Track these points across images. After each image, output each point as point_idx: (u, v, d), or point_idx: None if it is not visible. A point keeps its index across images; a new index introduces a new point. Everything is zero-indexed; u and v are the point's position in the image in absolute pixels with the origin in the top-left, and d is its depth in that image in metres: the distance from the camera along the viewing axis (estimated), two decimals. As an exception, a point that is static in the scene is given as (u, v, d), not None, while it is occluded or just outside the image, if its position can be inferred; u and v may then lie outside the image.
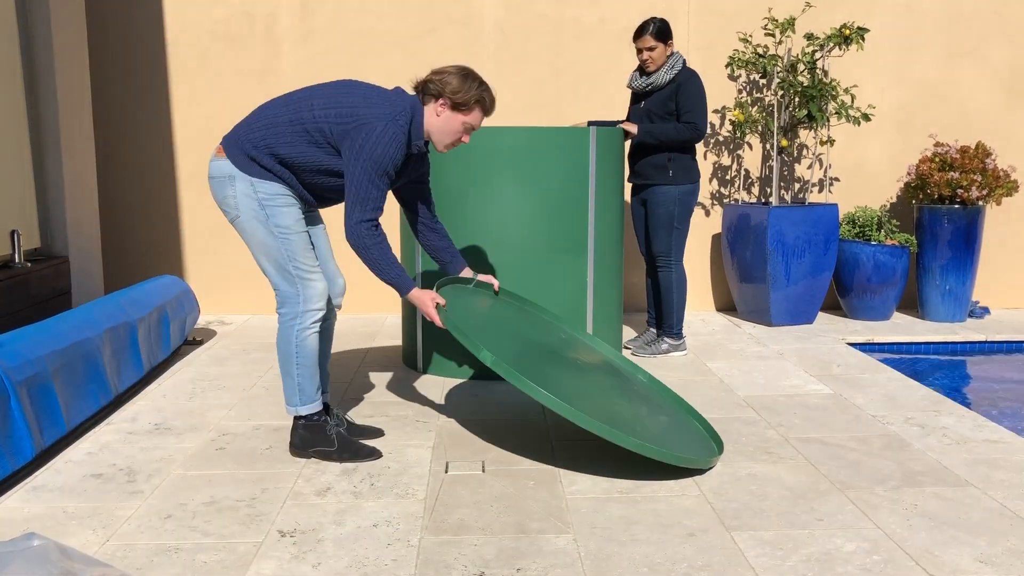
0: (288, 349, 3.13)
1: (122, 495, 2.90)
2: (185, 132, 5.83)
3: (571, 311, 4.35)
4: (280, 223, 3.03)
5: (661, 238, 4.68)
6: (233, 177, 3.01)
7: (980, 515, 2.75)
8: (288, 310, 3.11)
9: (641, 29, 4.54)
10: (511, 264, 4.23)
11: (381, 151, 2.93)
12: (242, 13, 5.74)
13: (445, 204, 4.26)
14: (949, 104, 5.97)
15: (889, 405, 3.90)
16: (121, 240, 5.92)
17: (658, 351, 4.75)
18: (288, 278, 3.07)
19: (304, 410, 3.19)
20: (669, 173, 4.60)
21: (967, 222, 5.53)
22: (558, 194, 4.24)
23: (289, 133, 3.00)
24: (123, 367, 3.93)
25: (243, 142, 3.02)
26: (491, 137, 4.16)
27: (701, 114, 4.52)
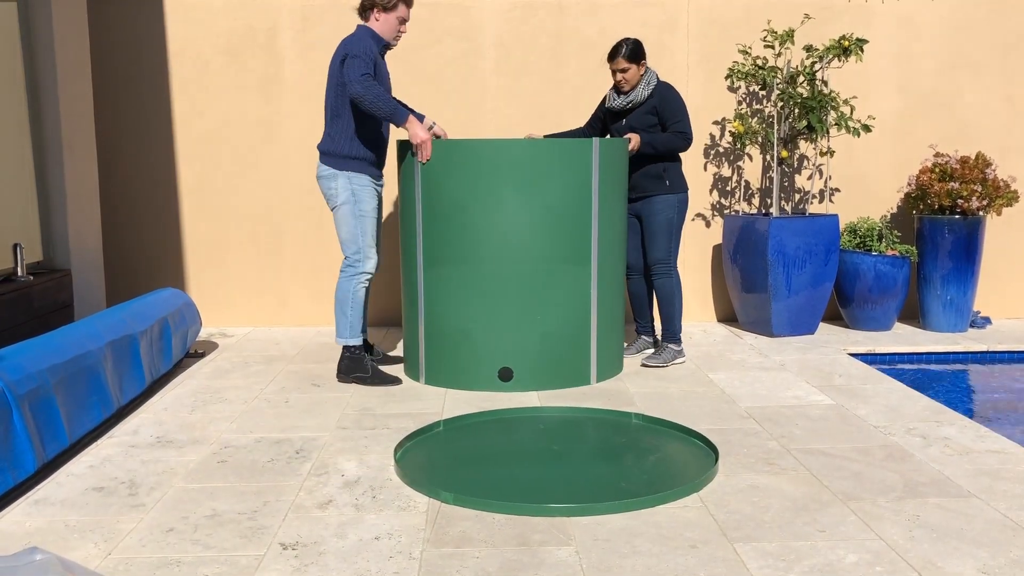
0: (346, 295, 4.34)
1: (124, 508, 2.90)
2: (187, 144, 5.85)
3: (574, 322, 4.32)
4: (363, 207, 4.32)
5: (660, 245, 4.75)
6: (335, 175, 4.30)
7: (983, 526, 2.74)
8: (352, 269, 4.35)
9: (614, 52, 4.67)
10: (514, 275, 4.21)
11: (364, 45, 4.16)
12: (244, 26, 5.77)
13: (447, 215, 4.23)
14: (949, 114, 5.98)
15: (891, 416, 3.89)
16: (123, 253, 5.93)
17: (670, 360, 4.79)
18: (357, 248, 4.33)
19: (351, 342, 4.37)
20: (666, 182, 4.73)
21: (968, 232, 5.54)
22: (561, 206, 4.23)
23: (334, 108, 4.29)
24: (125, 380, 3.93)
25: (327, 146, 4.32)
26: (493, 149, 4.15)
27: (687, 122, 4.69)
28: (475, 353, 4.27)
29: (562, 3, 5.82)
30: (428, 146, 4.15)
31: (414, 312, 4.42)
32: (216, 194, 5.89)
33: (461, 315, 4.26)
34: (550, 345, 4.28)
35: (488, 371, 4.28)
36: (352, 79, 4.04)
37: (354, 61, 4.06)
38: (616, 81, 4.70)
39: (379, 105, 4.04)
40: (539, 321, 4.24)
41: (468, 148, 4.16)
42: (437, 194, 4.23)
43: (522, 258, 4.21)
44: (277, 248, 5.95)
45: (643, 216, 4.79)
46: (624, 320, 4.64)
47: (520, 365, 4.27)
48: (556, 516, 2.84)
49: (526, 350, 4.26)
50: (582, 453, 3.38)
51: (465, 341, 4.28)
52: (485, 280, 4.22)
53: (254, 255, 5.95)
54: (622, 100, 4.75)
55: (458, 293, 4.25)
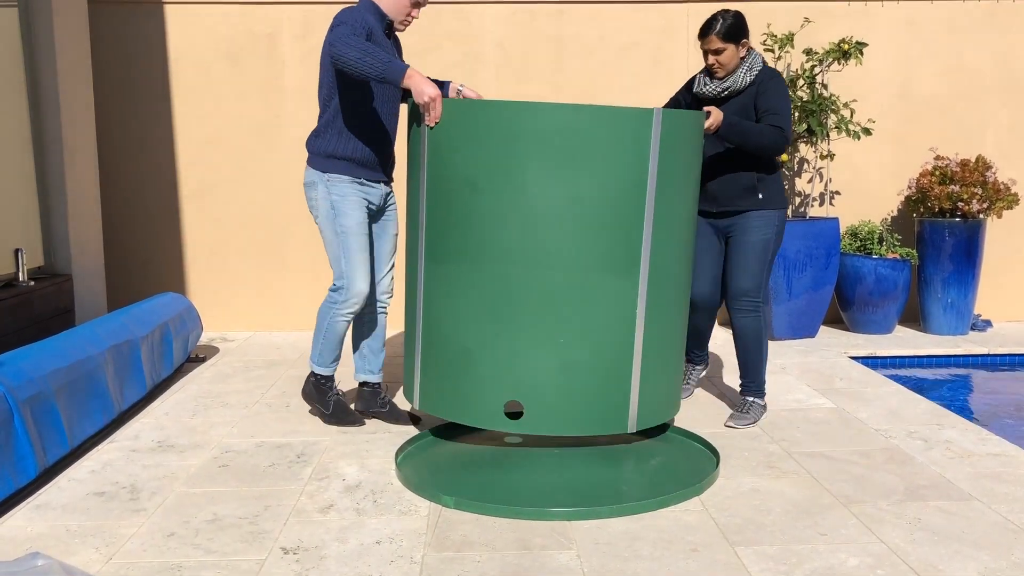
0: (322, 322, 3.66)
1: (125, 513, 2.90)
2: (188, 149, 5.86)
3: (610, 350, 3.23)
4: (344, 222, 3.53)
5: (751, 272, 3.71)
6: (315, 183, 3.57)
7: (984, 529, 2.74)
8: (335, 296, 3.61)
9: (706, 28, 3.67)
10: (534, 283, 3.17)
11: (355, 15, 3.40)
12: (245, 31, 5.78)
13: (455, 198, 3.24)
14: (949, 117, 5.99)
15: (892, 419, 3.89)
16: (124, 258, 5.93)
17: (756, 418, 3.83)
18: (339, 272, 3.58)
19: (317, 369, 3.76)
20: (759, 196, 3.73)
21: (968, 235, 5.54)
22: (603, 195, 3.16)
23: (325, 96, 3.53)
24: (126, 385, 3.93)
25: (312, 144, 3.59)
26: (515, 114, 3.11)
27: (786, 118, 3.66)
28: (478, 379, 3.26)
29: (562, 8, 5.83)
30: (437, 104, 3.17)
31: (412, 318, 3.50)
32: (217, 199, 5.90)
33: (464, 328, 3.26)
34: (575, 378, 3.21)
35: (493, 404, 3.25)
36: (333, 38, 3.23)
37: (340, 28, 3.29)
38: (708, 64, 3.73)
39: (368, 61, 3.18)
40: (562, 346, 3.19)
41: (485, 111, 3.14)
42: (444, 169, 3.25)
43: (546, 261, 3.16)
44: (278, 252, 5.95)
45: (732, 236, 3.79)
46: (683, 358, 3.59)
47: (534, 400, 3.21)
48: (557, 520, 2.83)
49: (543, 381, 3.20)
50: (583, 456, 3.37)
51: (467, 362, 3.27)
52: (496, 286, 3.20)
53: (255, 260, 5.95)
54: (714, 86, 3.75)
55: (462, 299, 3.25)
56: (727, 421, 3.80)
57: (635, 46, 5.85)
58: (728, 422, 3.79)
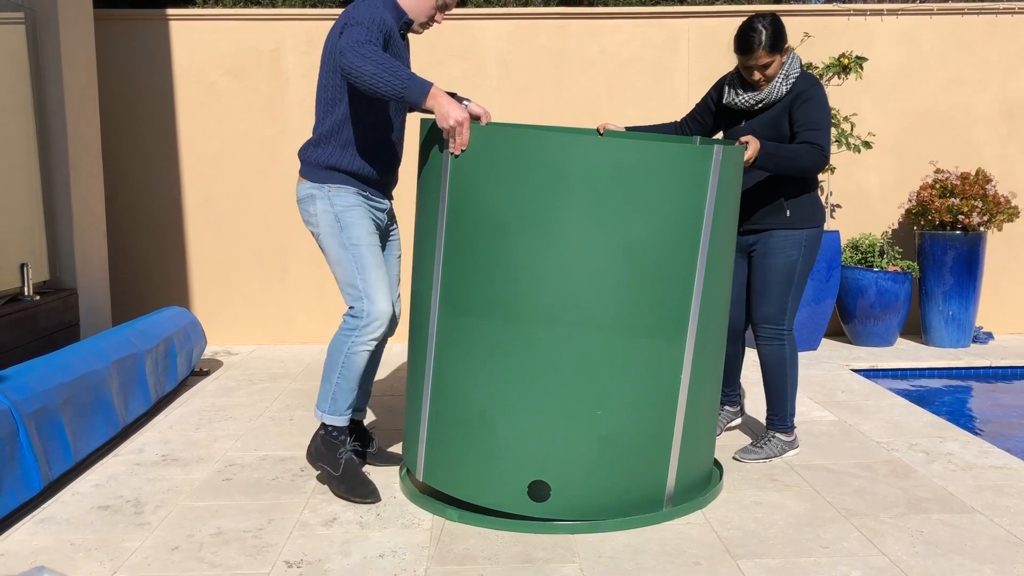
0: (337, 357, 3.10)
1: (129, 527, 2.91)
2: (192, 165, 5.89)
3: (650, 423, 2.87)
4: (352, 234, 3.06)
5: (775, 296, 3.42)
6: (312, 196, 3.09)
7: (987, 542, 2.74)
8: (353, 323, 3.08)
9: (747, 43, 3.29)
10: (568, 344, 2.77)
11: (373, 12, 2.90)
12: (249, 48, 5.82)
13: (479, 240, 2.81)
14: (949, 131, 6.00)
15: (894, 431, 3.89)
16: (129, 272, 5.95)
17: (772, 454, 3.53)
18: (356, 292, 3.06)
19: (328, 419, 3.14)
20: (786, 213, 3.42)
21: (969, 248, 5.55)
22: (652, 244, 2.77)
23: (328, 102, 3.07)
24: (130, 399, 3.94)
25: (309, 154, 3.13)
26: (554, 148, 2.70)
27: (826, 134, 3.31)
28: (498, 453, 2.86)
29: (563, 23, 5.86)
30: (465, 129, 2.76)
31: (419, 376, 3.06)
32: (221, 213, 5.92)
33: (484, 393, 2.85)
34: (613, 454, 2.84)
35: (514, 483, 2.85)
36: (345, 47, 2.76)
37: (353, 29, 2.83)
38: (753, 80, 3.36)
39: (385, 78, 2.72)
40: (599, 419, 2.81)
41: (522, 141, 2.72)
42: (469, 206, 2.82)
43: (584, 320, 2.76)
44: (282, 266, 5.97)
45: (754, 256, 3.50)
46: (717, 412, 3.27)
47: (564, 479, 2.83)
48: (560, 533, 2.83)
49: (576, 458, 2.82)
50: None
51: (486, 433, 2.86)
52: (525, 345, 2.78)
53: (259, 274, 5.97)
54: (749, 96, 3.40)
55: (483, 359, 2.84)
56: (737, 452, 3.53)
57: (636, 60, 5.88)
58: (736, 453, 3.52)
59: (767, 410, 3.57)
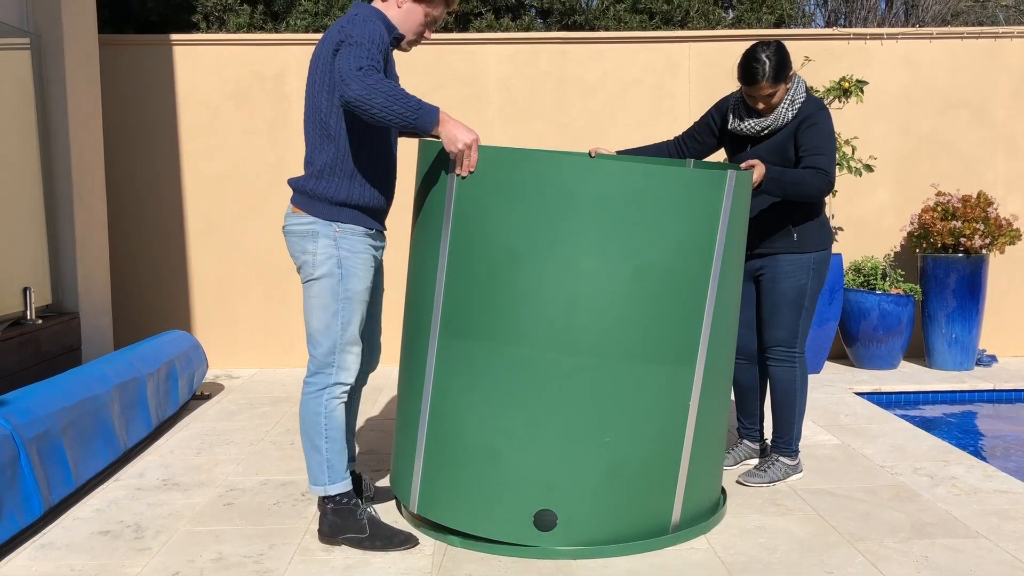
0: (316, 420, 2.89)
1: (130, 552, 2.90)
2: (195, 189, 5.91)
3: (659, 450, 2.85)
4: (350, 286, 2.86)
5: (784, 320, 3.41)
6: (316, 234, 2.84)
7: (991, 567, 2.72)
8: (319, 379, 2.89)
9: (750, 75, 3.26)
10: (576, 371, 2.75)
11: (371, 27, 2.73)
12: (251, 72, 5.85)
13: (485, 265, 2.78)
14: (950, 154, 6.02)
15: (898, 455, 3.88)
16: (131, 295, 5.96)
17: (776, 478, 3.50)
18: (330, 345, 2.87)
19: (334, 489, 2.92)
20: (793, 237, 3.40)
21: (971, 271, 5.55)
22: (664, 271, 2.76)
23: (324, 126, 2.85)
24: (132, 423, 3.94)
25: (311, 186, 2.87)
26: (571, 171, 2.69)
27: (831, 159, 3.28)
28: (502, 482, 2.81)
29: (564, 48, 5.90)
30: (474, 151, 2.72)
31: (414, 404, 3.00)
32: (224, 237, 5.94)
33: (487, 422, 2.81)
34: (619, 482, 2.82)
35: (519, 512, 2.81)
36: (346, 73, 2.59)
37: (351, 50, 2.64)
38: (758, 108, 3.35)
39: (395, 110, 2.59)
40: (606, 446, 2.79)
41: (532, 165, 2.71)
42: (474, 230, 2.79)
43: (592, 346, 2.74)
44: (284, 290, 5.97)
45: (762, 281, 3.48)
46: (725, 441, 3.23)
47: (570, 508, 2.80)
48: (562, 559, 2.82)
49: (583, 487, 2.79)
50: None
51: (488, 461, 2.82)
52: (531, 372, 2.75)
53: (261, 297, 5.97)
54: (755, 123, 3.36)
55: (486, 387, 2.80)
56: (740, 476, 3.50)
57: (637, 84, 5.91)
58: (740, 477, 3.49)
59: (773, 433, 3.56)
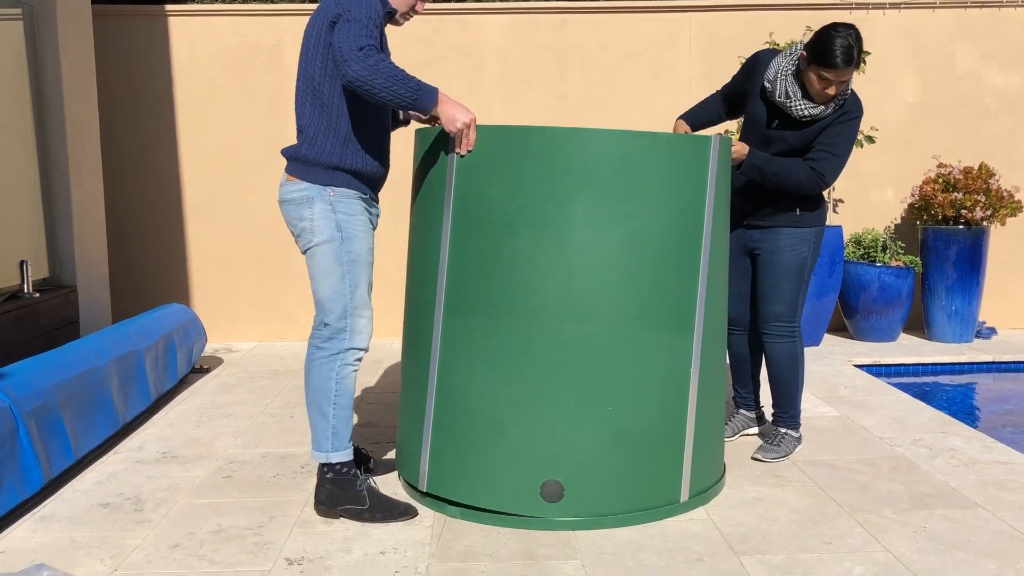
0: (326, 386, 2.88)
1: (130, 524, 2.91)
2: (193, 161, 5.88)
3: (664, 417, 2.89)
4: (353, 248, 2.86)
5: (784, 295, 3.37)
6: (311, 199, 2.84)
7: (989, 537, 2.73)
8: (332, 344, 2.88)
9: (845, 58, 3.05)
10: (580, 341, 2.79)
11: (366, 3, 2.71)
12: (249, 44, 5.80)
13: (479, 241, 2.83)
14: (951, 125, 5.99)
15: (897, 427, 3.88)
16: (129, 269, 5.95)
17: (789, 451, 3.49)
18: (341, 310, 2.86)
19: (336, 457, 2.92)
20: (796, 211, 3.36)
21: (972, 243, 5.53)
22: (662, 234, 2.82)
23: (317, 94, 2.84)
24: (131, 396, 3.94)
25: (304, 151, 2.86)
26: (561, 142, 2.74)
27: (835, 161, 3.22)
28: (509, 455, 2.84)
29: (564, 18, 5.84)
30: (472, 131, 2.79)
31: (420, 382, 3.01)
32: (222, 210, 5.91)
33: (494, 395, 2.83)
34: (627, 450, 2.86)
35: (527, 484, 2.84)
36: (347, 53, 2.62)
37: (350, 27, 2.66)
38: (824, 92, 3.15)
39: (395, 90, 2.64)
40: (611, 414, 2.82)
41: (526, 139, 2.77)
42: (474, 207, 2.84)
43: (593, 316, 2.77)
44: (283, 264, 5.96)
45: (760, 253, 3.42)
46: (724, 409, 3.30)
47: (577, 478, 2.83)
48: (562, 530, 2.83)
49: (589, 456, 2.83)
50: None
51: (496, 435, 2.85)
52: (534, 345, 2.79)
53: (259, 271, 5.96)
54: (806, 106, 3.20)
55: (492, 361, 2.83)
56: (755, 453, 3.47)
57: (637, 56, 5.87)
58: (756, 454, 3.46)
59: (775, 407, 3.53)
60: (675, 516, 2.93)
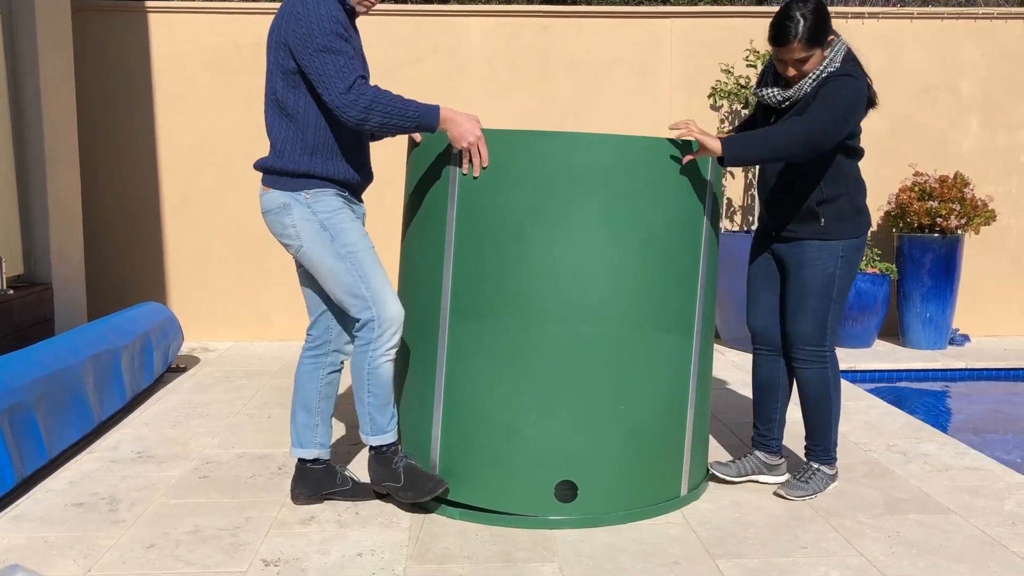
0: (360, 376, 2.91)
1: (104, 524, 2.88)
2: (171, 159, 5.84)
3: (669, 414, 2.98)
4: (346, 240, 2.83)
5: (810, 316, 3.04)
6: (287, 206, 2.82)
7: (962, 542, 2.76)
8: (364, 335, 2.87)
9: (782, 34, 2.89)
10: (591, 343, 2.83)
11: (322, 12, 2.68)
12: (229, 42, 5.77)
13: (485, 247, 2.85)
14: (928, 134, 6.05)
15: (872, 432, 3.92)
16: (105, 267, 5.90)
17: (818, 489, 3.14)
18: (362, 302, 2.84)
19: (374, 440, 2.95)
20: (820, 221, 3.02)
21: (946, 251, 5.60)
22: (669, 238, 2.90)
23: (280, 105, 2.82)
24: (106, 395, 3.91)
25: (272, 164, 2.85)
26: (569, 149, 2.80)
27: (835, 115, 2.83)
28: (522, 458, 2.87)
29: (547, 21, 5.86)
30: (483, 146, 2.78)
31: (427, 391, 3.01)
32: (200, 208, 5.88)
33: (504, 398, 2.87)
34: (638, 447, 2.93)
35: (541, 486, 2.88)
36: (337, 100, 2.66)
37: (325, 63, 2.67)
38: (786, 75, 2.98)
39: (395, 123, 2.69)
40: (623, 414, 2.90)
41: (533, 145, 2.80)
42: (480, 212, 2.86)
43: (605, 317, 2.83)
44: (261, 263, 5.93)
45: (787, 268, 3.11)
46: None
47: (590, 477, 2.89)
48: (540, 528, 2.83)
49: (602, 455, 2.89)
50: None
51: (508, 438, 2.88)
52: (543, 347, 2.83)
53: (238, 269, 5.93)
54: (775, 92, 3.02)
55: (501, 364, 2.86)
56: (779, 487, 3.15)
57: (620, 60, 5.89)
58: (779, 489, 3.14)
59: (807, 440, 3.20)
60: (652, 518, 2.94)
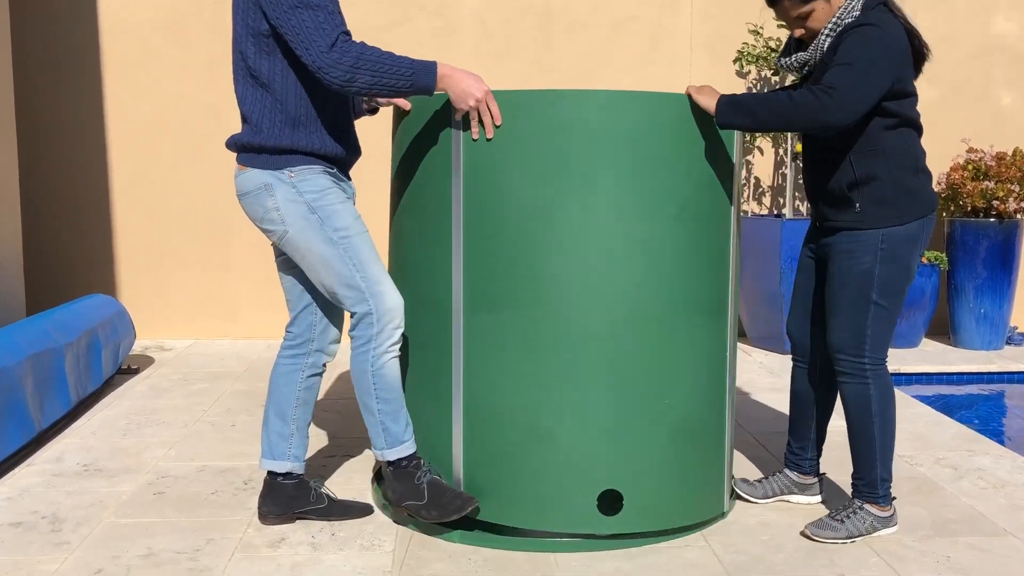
0: (363, 379, 2.84)
1: (46, 546, 2.88)
2: (123, 133, 5.83)
3: (709, 408, 2.97)
4: (337, 224, 2.78)
5: (847, 317, 2.88)
6: (269, 186, 2.76)
7: (1020, 567, 2.76)
8: (360, 332, 2.82)
9: None
10: (627, 332, 2.78)
11: None
12: (189, 0, 5.77)
13: (503, 229, 2.78)
14: (983, 105, 6.05)
15: (918, 444, 3.92)
16: (47, 255, 5.89)
17: (855, 532, 2.92)
18: (358, 294, 2.79)
19: (391, 454, 2.87)
20: (855, 207, 2.86)
21: (1004, 237, 5.59)
22: (701, 209, 2.86)
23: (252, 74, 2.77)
24: (47, 400, 3.91)
25: (249, 139, 2.79)
26: (590, 110, 2.71)
27: (848, 73, 2.68)
28: (559, 467, 2.82)
29: (550, -24, 5.85)
30: (492, 101, 2.71)
31: (443, 390, 2.96)
32: (155, 189, 5.87)
33: (533, 401, 2.81)
34: (682, 446, 2.90)
35: (582, 498, 2.83)
36: (318, 60, 2.59)
37: (308, 18, 2.61)
38: (795, 35, 2.95)
39: (386, 81, 2.63)
40: (667, 407, 2.85)
41: (548, 106, 2.72)
42: (491, 189, 2.78)
43: (639, 302, 2.78)
44: (224, 251, 5.93)
45: (827, 263, 2.99)
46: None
47: (636, 485, 2.85)
48: (539, 551, 2.83)
49: (649, 457, 2.85)
50: None
51: (542, 445, 2.82)
52: (577, 340, 2.77)
53: (198, 259, 5.93)
54: (793, 59, 2.97)
55: (528, 363, 2.81)
56: (807, 527, 2.95)
57: (632, 20, 5.88)
58: (808, 526, 2.95)
59: (853, 472, 3.02)
60: (669, 541, 2.94)
